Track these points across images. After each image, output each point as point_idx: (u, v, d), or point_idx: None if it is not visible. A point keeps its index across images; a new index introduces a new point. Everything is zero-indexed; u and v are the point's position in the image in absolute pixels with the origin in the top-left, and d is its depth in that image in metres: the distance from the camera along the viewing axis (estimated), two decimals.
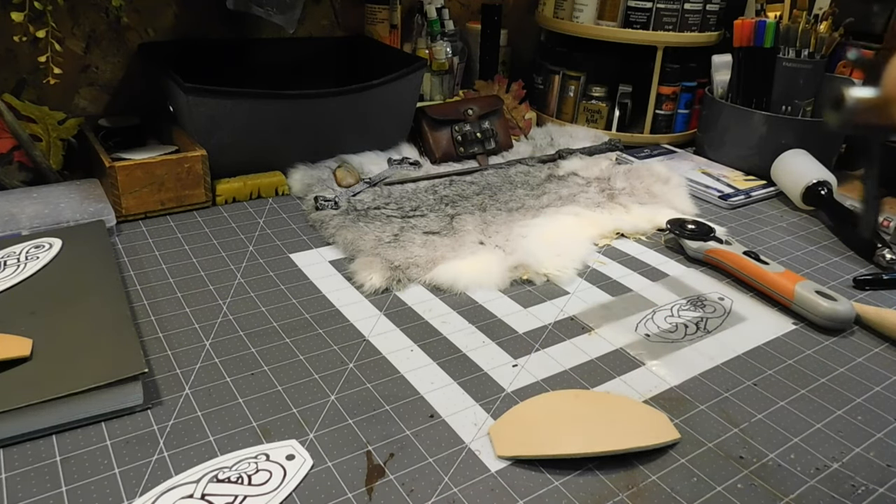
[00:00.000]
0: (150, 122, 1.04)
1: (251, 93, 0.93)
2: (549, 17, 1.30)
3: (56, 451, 0.51)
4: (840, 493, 0.51)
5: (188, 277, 0.76)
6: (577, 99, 1.31)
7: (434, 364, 0.63)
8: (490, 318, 0.72)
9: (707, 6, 1.21)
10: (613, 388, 0.62)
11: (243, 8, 1.00)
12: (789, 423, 0.58)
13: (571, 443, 0.53)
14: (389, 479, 0.50)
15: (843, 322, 0.72)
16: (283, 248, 0.84)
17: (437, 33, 1.25)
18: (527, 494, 0.49)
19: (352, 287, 0.76)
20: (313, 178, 1.00)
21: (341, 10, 1.24)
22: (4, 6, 0.91)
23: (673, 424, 0.57)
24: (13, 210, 0.81)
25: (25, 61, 0.98)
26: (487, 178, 1.06)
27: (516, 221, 0.91)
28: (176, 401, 0.57)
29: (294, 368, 0.62)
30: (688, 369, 0.65)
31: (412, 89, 1.11)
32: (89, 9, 1.01)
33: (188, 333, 0.66)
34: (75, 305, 0.63)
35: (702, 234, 0.86)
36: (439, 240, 0.84)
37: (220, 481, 0.48)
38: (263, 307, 0.71)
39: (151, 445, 0.52)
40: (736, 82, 1.19)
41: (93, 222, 0.80)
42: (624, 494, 0.50)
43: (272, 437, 0.53)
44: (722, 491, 0.51)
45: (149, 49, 1.05)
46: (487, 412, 0.57)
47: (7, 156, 0.90)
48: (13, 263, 0.70)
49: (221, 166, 0.95)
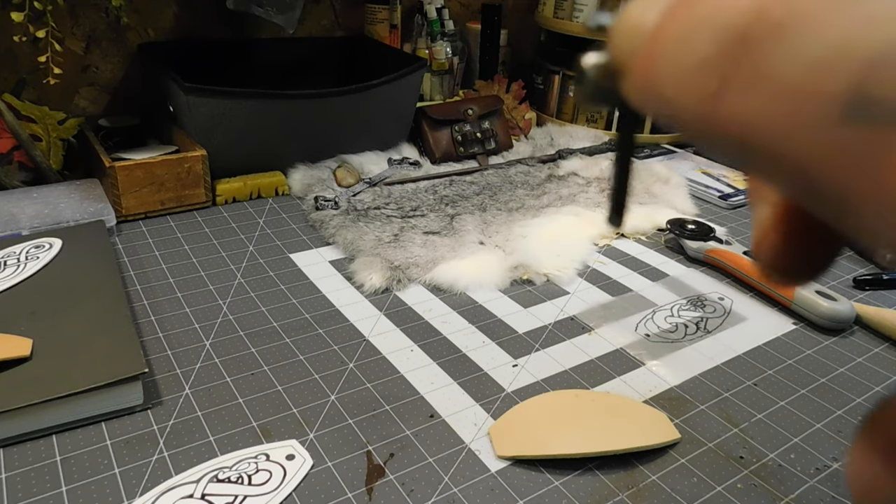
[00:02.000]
0: (150, 122, 1.04)
1: (251, 93, 0.93)
2: (549, 17, 1.30)
3: (56, 451, 0.51)
4: (840, 493, 0.51)
5: (188, 277, 0.76)
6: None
7: (434, 364, 0.63)
8: (490, 318, 0.72)
9: None
10: (613, 388, 0.62)
11: (243, 8, 1.00)
12: (789, 423, 0.58)
13: (571, 443, 0.53)
14: (389, 479, 0.50)
15: (844, 322, 0.72)
16: (283, 248, 0.84)
17: (437, 33, 1.25)
18: (527, 494, 0.49)
19: (352, 287, 0.76)
20: (313, 178, 1.00)
21: (341, 10, 1.24)
22: (4, 6, 0.91)
23: (673, 424, 0.57)
24: (13, 210, 0.81)
25: (25, 61, 0.98)
26: (487, 178, 1.06)
27: (516, 221, 0.91)
28: (176, 401, 0.57)
29: (294, 368, 0.62)
30: (688, 369, 0.65)
31: (412, 89, 1.11)
32: (89, 9, 1.01)
33: (188, 333, 0.66)
34: (75, 305, 0.63)
35: (702, 234, 0.86)
36: (439, 240, 0.84)
37: (220, 481, 0.48)
38: (263, 307, 0.71)
39: (151, 445, 0.52)
40: None
41: (93, 222, 0.80)
42: (624, 494, 0.50)
43: (272, 437, 0.53)
44: (722, 491, 0.51)
45: (149, 49, 1.05)
46: (487, 412, 0.57)
47: (7, 156, 0.90)
48: (13, 263, 0.70)
49: (221, 166, 0.95)
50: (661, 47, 0.13)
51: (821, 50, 0.11)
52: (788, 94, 0.11)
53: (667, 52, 0.13)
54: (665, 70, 0.13)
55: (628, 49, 0.15)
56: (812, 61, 0.11)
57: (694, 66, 0.13)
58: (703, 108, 0.13)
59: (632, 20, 0.15)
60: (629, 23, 0.15)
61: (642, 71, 0.14)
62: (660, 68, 0.13)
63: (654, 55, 0.14)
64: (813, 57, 0.11)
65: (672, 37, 0.13)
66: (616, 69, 0.15)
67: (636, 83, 0.14)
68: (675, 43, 0.13)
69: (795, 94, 0.11)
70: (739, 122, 0.12)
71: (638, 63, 0.14)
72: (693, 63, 0.13)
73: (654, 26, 0.14)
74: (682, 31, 0.13)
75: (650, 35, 0.14)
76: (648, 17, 0.14)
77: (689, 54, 0.13)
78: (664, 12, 0.14)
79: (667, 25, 0.13)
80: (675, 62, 0.13)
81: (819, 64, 0.11)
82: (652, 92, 0.14)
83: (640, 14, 0.14)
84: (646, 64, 0.14)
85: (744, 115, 0.12)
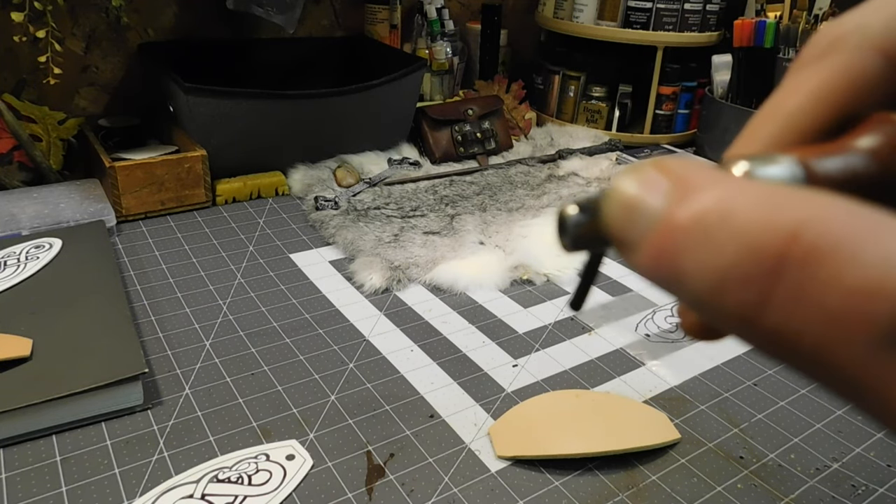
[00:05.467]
0: (150, 122, 1.04)
1: (251, 93, 0.93)
2: (549, 17, 1.30)
3: (56, 451, 0.51)
4: (840, 493, 0.51)
5: (188, 277, 0.76)
6: (577, 99, 1.31)
7: (434, 364, 0.63)
8: (490, 318, 0.72)
9: (707, 6, 1.21)
10: (613, 388, 0.62)
11: (243, 8, 1.00)
12: (789, 423, 0.58)
13: (571, 443, 0.53)
14: (389, 479, 0.50)
15: None
16: (283, 248, 0.84)
17: (437, 33, 1.25)
18: (527, 494, 0.49)
19: (352, 287, 0.76)
20: (313, 178, 1.00)
21: (341, 10, 1.24)
22: (4, 6, 0.91)
23: (673, 424, 0.57)
24: (13, 210, 0.81)
25: (25, 61, 0.98)
26: (487, 178, 1.06)
27: (516, 221, 0.91)
28: (176, 401, 0.57)
29: (294, 368, 0.62)
30: (688, 369, 0.65)
31: (412, 89, 1.11)
32: (89, 9, 1.01)
33: (188, 333, 0.66)
34: (75, 305, 0.63)
35: None
36: (439, 240, 0.84)
37: (220, 481, 0.48)
38: (263, 307, 0.71)
39: (151, 445, 0.52)
40: (736, 82, 1.19)
41: (93, 222, 0.80)
42: (624, 494, 0.50)
43: (272, 437, 0.53)
44: (722, 491, 0.51)
45: (149, 49, 1.05)
46: (487, 412, 0.57)
47: (7, 156, 0.90)
48: (13, 263, 0.70)
49: (221, 166, 0.95)
50: (688, 243, 0.13)
51: (858, 279, 0.11)
52: (831, 315, 0.12)
53: (696, 252, 0.13)
54: (693, 267, 0.13)
55: (633, 226, 0.15)
56: (852, 288, 0.11)
57: (731, 277, 0.13)
58: (741, 313, 0.13)
59: (632, 199, 0.15)
60: (630, 201, 0.15)
61: (658, 254, 0.14)
62: (686, 263, 0.13)
63: (676, 246, 0.14)
64: (852, 284, 0.11)
65: (700, 238, 0.13)
66: (605, 232, 0.15)
67: (648, 262, 0.14)
68: (705, 246, 0.13)
69: (838, 317, 0.12)
70: (782, 331, 0.12)
71: (652, 244, 0.14)
72: (729, 273, 0.13)
73: (668, 214, 0.14)
74: (713, 237, 0.13)
75: (666, 222, 0.14)
76: (655, 202, 0.14)
77: (723, 261, 0.13)
78: (679, 203, 0.14)
79: (692, 226, 0.13)
80: (707, 264, 0.13)
81: (859, 291, 0.11)
82: (671, 277, 0.14)
83: (640, 194, 0.14)
84: (664, 248, 0.14)
85: (786, 327, 0.12)
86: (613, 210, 0.15)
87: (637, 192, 0.15)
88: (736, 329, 0.13)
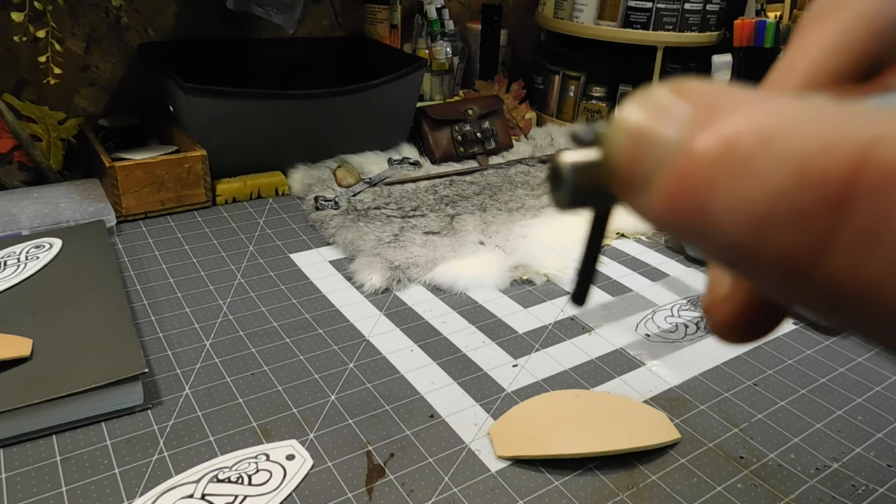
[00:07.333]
0: (150, 122, 1.04)
1: (251, 93, 0.93)
2: (549, 17, 1.30)
3: (56, 451, 0.51)
4: (840, 493, 0.51)
5: (188, 277, 0.76)
6: (577, 99, 1.31)
7: (434, 364, 0.63)
8: (490, 318, 0.72)
9: (707, 6, 1.21)
10: (613, 388, 0.62)
11: (243, 8, 1.00)
12: (789, 423, 0.58)
13: (571, 443, 0.53)
14: (389, 479, 0.50)
15: None
16: (283, 248, 0.84)
17: (437, 33, 1.25)
18: (527, 494, 0.49)
19: (352, 287, 0.76)
20: (313, 178, 1.00)
21: (341, 10, 1.24)
22: (4, 6, 0.91)
23: (673, 424, 0.57)
24: (13, 210, 0.81)
25: (25, 61, 0.98)
26: (487, 178, 1.06)
27: (516, 221, 0.91)
28: (176, 401, 0.57)
29: (294, 368, 0.62)
30: (688, 369, 0.65)
31: (412, 89, 1.11)
32: (89, 9, 1.01)
33: (188, 333, 0.66)
34: (75, 305, 0.63)
35: None
36: (439, 240, 0.84)
37: (220, 481, 0.48)
38: (263, 307, 0.71)
39: (151, 445, 0.52)
40: (736, 82, 1.19)
41: (93, 222, 0.80)
42: (624, 494, 0.50)
43: (272, 437, 0.53)
44: (722, 491, 0.51)
45: (149, 49, 1.05)
46: (487, 412, 0.57)
47: (7, 156, 0.90)
48: (13, 263, 0.70)
49: (221, 166, 0.95)
50: (718, 174, 0.11)
51: None
52: None
53: (730, 185, 0.11)
54: (726, 204, 0.11)
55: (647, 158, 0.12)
56: None
57: (779, 213, 0.10)
58: (791, 260, 0.11)
59: (641, 127, 0.12)
60: (639, 130, 0.12)
61: (677, 192, 0.12)
62: (716, 200, 0.11)
63: (701, 179, 0.11)
64: None
65: (734, 167, 0.11)
66: (610, 172, 0.13)
67: (665, 204, 0.12)
68: (742, 176, 0.11)
69: None
70: (847, 283, 0.10)
71: (670, 179, 0.12)
72: (777, 208, 0.10)
73: (689, 142, 0.12)
74: (753, 164, 0.11)
75: (687, 152, 0.12)
76: (670, 130, 0.12)
77: (768, 192, 0.10)
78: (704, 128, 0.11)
79: (723, 152, 0.11)
80: (746, 197, 0.11)
81: None
82: (696, 220, 0.12)
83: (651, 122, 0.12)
84: (686, 183, 0.12)
85: (854, 277, 0.10)
86: (619, 144, 0.13)
87: (647, 118, 0.12)
88: (781, 285, 0.11)
